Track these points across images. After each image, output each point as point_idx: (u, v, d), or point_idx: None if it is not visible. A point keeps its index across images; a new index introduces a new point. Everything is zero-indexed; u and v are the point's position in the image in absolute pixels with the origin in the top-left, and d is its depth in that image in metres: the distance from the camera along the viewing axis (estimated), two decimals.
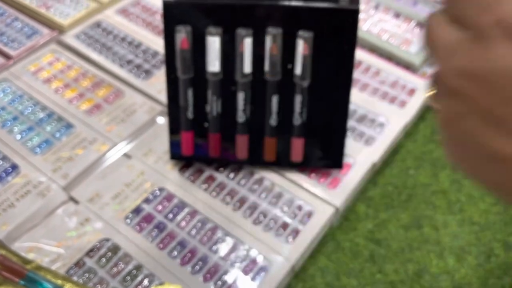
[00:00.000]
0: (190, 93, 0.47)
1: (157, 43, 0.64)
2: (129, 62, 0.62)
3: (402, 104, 0.57)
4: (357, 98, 0.57)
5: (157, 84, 0.59)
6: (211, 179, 0.50)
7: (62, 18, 0.68)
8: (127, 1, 0.71)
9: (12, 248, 0.45)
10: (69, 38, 0.65)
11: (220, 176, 0.51)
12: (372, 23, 0.65)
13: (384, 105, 0.57)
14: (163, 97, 0.57)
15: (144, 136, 0.54)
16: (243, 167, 0.51)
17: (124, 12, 0.70)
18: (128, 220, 0.47)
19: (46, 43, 0.65)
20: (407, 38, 0.63)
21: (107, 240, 0.45)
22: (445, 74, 0.20)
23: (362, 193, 0.52)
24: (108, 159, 0.52)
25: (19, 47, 0.64)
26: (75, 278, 0.43)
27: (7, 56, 0.63)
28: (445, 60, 0.20)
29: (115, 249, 0.45)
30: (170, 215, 0.47)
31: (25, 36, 0.66)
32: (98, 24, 0.68)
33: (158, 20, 0.68)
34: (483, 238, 0.48)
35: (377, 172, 0.53)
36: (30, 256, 0.44)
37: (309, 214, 0.47)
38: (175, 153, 0.50)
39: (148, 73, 0.61)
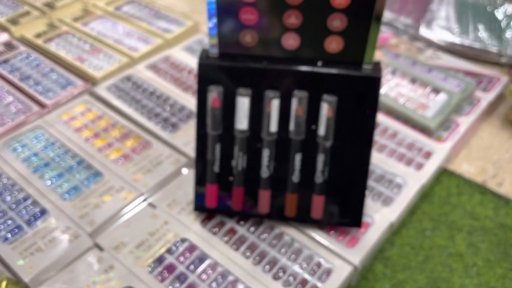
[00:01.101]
0: (217, 148, 0.49)
1: (184, 98, 0.68)
2: (156, 115, 0.65)
3: (419, 166, 0.59)
4: (375, 159, 0.59)
5: (183, 137, 0.62)
6: (232, 232, 0.52)
7: (95, 71, 0.72)
8: (157, 57, 0.76)
9: None
10: (101, 90, 0.69)
11: (241, 229, 0.52)
12: (389, 87, 0.69)
13: (401, 167, 0.59)
14: (188, 149, 0.60)
15: (169, 187, 0.56)
16: (264, 221, 0.52)
17: (153, 67, 0.74)
18: (150, 269, 0.48)
19: (79, 94, 0.69)
20: (422, 103, 0.66)
21: None
22: None
23: (379, 253, 0.53)
24: (133, 207, 0.54)
25: (54, 96, 0.68)
26: None
27: (42, 105, 0.67)
28: None
29: None
30: (192, 266, 0.48)
31: (59, 86, 0.70)
32: (128, 78, 0.72)
33: (185, 76, 0.72)
34: None
35: (394, 232, 0.54)
36: None
37: (328, 272, 0.48)
38: (199, 205, 0.52)
39: (174, 126, 0.64)
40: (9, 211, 0.53)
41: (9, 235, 0.50)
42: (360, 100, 0.46)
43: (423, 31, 0.81)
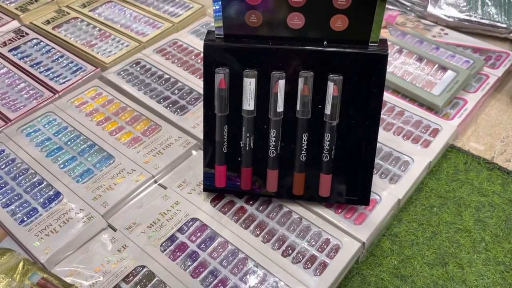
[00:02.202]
0: (225, 129, 0.50)
1: (192, 81, 0.69)
2: (165, 98, 0.66)
3: (426, 144, 0.59)
4: (382, 137, 0.60)
5: (192, 120, 0.63)
6: (241, 211, 0.53)
7: (104, 56, 0.73)
8: (165, 41, 0.76)
9: (52, 271, 0.47)
10: (110, 74, 0.70)
11: (250, 209, 0.53)
12: (396, 66, 0.68)
13: (408, 144, 0.59)
14: (197, 131, 0.61)
15: (179, 168, 0.57)
16: (272, 201, 0.53)
17: (161, 51, 0.74)
18: (163, 248, 0.49)
19: (89, 78, 0.70)
20: (430, 81, 0.66)
21: (143, 267, 0.48)
22: None
23: (387, 229, 0.53)
24: (145, 189, 0.55)
25: (64, 82, 0.69)
26: None
27: (53, 90, 0.68)
28: None
29: (150, 276, 0.47)
30: (203, 245, 0.49)
31: (70, 72, 0.71)
32: (137, 62, 0.72)
33: (193, 59, 0.73)
34: (509, 278, 0.49)
35: (401, 209, 0.55)
36: (69, 280, 0.47)
37: (336, 248, 0.49)
38: (208, 186, 0.53)
39: (183, 109, 0.64)
40: (24, 195, 0.54)
41: (25, 218, 0.52)
42: (366, 79, 0.46)
43: (431, 8, 0.80)
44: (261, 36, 0.47)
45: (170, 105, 0.65)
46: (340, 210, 0.52)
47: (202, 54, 0.73)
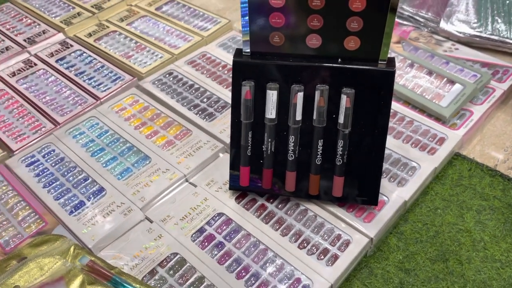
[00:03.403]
0: (249, 135, 0.56)
1: (219, 91, 0.76)
2: (195, 106, 0.73)
3: (433, 151, 0.64)
4: (392, 144, 0.65)
5: (219, 126, 0.69)
6: (262, 208, 0.59)
7: (140, 66, 0.81)
8: (195, 53, 0.83)
9: (98, 255, 0.54)
10: (146, 83, 0.78)
11: (270, 206, 0.59)
12: (407, 79, 0.74)
13: (416, 152, 0.64)
14: (223, 136, 0.68)
15: (207, 169, 0.64)
16: (290, 200, 0.60)
17: (192, 63, 0.82)
18: (193, 239, 0.56)
19: (127, 87, 0.77)
20: (438, 93, 0.71)
21: (176, 254, 0.54)
22: None
23: (394, 228, 0.59)
24: (177, 186, 0.62)
25: (105, 89, 0.77)
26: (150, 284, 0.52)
27: (95, 97, 0.76)
28: None
29: (182, 262, 0.54)
30: (228, 237, 0.56)
31: (110, 80, 0.79)
32: (170, 73, 0.80)
33: (220, 70, 0.80)
34: (504, 274, 0.54)
35: (408, 210, 0.60)
36: (113, 262, 0.54)
37: (347, 243, 0.55)
38: (233, 185, 0.59)
39: (211, 115, 0.71)
40: (72, 189, 0.62)
41: (73, 210, 0.59)
42: (375, 93, 0.52)
43: (443, 24, 0.86)
44: (283, 53, 0.53)
45: (200, 112, 0.72)
46: (351, 209, 0.58)
47: (228, 66, 0.80)
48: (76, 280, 0.48)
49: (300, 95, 0.53)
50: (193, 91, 0.76)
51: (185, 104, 0.74)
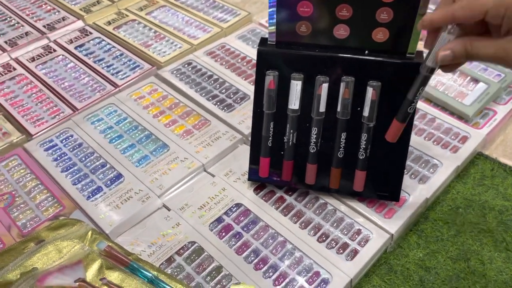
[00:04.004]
0: (271, 125, 0.56)
1: (239, 82, 0.75)
2: (214, 96, 0.73)
3: (455, 149, 0.63)
4: (414, 141, 0.64)
5: (238, 117, 0.69)
6: (281, 200, 0.58)
7: (159, 55, 0.81)
8: (214, 44, 0.83)
9: (115, 241, 0.54)
10: (165, 72, 0.77)
11: (289, 199, 0.58)
12: None
13: (438, 149, 0.63)
14: (242, 127, 0.67)
15: (226, 159, 0.64)
16: (309, 193, 0.59)
17: (211, 53, 0.81)
18: (211, 228, 0.55)
19: (146, 75, 0.77)
20: (461, 91, 0.70)
21: (193, 243, 0.54)
22: None
23: (414, 225, 0.58)
24: (196, 175, 0.62)
25: (124, 77, 0.77)
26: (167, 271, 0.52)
27: (114, 85, 0.75)
28: None
29: (199, 251, 0.53)
30: (246, 228, 0.55)
31: (128, 68, 0.79)
32: (189, 63, 0.79)
33: (239, 62, 0.79)
34: None
35: (429, 208, 0.60)
36: (130, 249, 0.53)
37: (367, 238, 0.54)
38: (252, 176, 0.59)
39: (229, 106, 0.71)
40: (90, 175, 0.62)
41: (90, 195, 0.59)
42: (402, 86, 0.51)
43: None
44: (309, 44, 0.52)
45: (218, 103, 0.72)
46: (371, 205, 0.57)
47: (247, 58, 0.80)
48: (94, 264, 0.48)
49: (324, 86, 0.53)
50: (212, 81, 0.75)
51: (203, 94, 0.73)
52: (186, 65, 0.79)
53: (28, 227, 0.56)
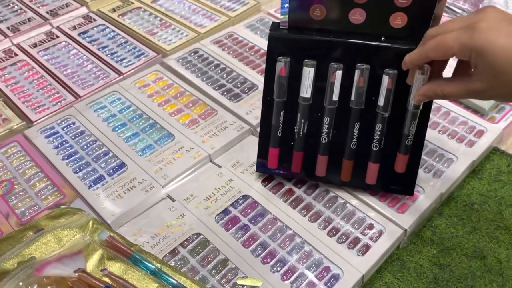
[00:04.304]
0: (281, 114, 0.53)
1: (246, 72, 0.73)
2: (221, 86, 0.71)
3: (470, 143, 0.61)
4: (428, 135, 0.61)
5: (245, 107, 0.67)
6: (289, 192, 0.56)
7: (165, 44, 0.78)
8: (221, 33, 0.81)
9: (117, 232, 0.52)
10: (170, 61, 0.75)
11: (298, 191, 0.56)
12: None
13: (453, 143, 0.61)
14: (250, 118, 0.65)
15: (233, 150, 0.62)
16: (319, 185, 0.57)
17: (218, 42, 0.79)
18: (218, 219, 0.53)
19: (151, 63, 0.75)
20: None
21: (199, 234, 0.52)
22: None
23: (428, 221, 0.56)
24: (201, 166, 0.59)
25: (128, 65, 0.75)
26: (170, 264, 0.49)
27: (118, 72, 0.73)
28: None
29: (205, 243, 0.51)
30: (253, 220, 0.53)
31: (133, 56, 0.76)
32: (195, 51, 0.77)
33: (247, 52, 0.77)
34: None
35: (442, 204, 0.57)
36: (132, 240, 0.51)
37: (379, 233, 0.52)
38: (261, 167, 0.56)
39: (237, 96, 0.69)
40: (92, 163, 0.60)
41: (92, 184, 0.57)
42: None
43: None
44: (323, 29, 0.50)
45: (225, 92, 0.69)
46: (383, 199, 0.55)
47: (256, 47, 0.77)
48: (95, 255, 0.46)
49: (338, 74, 0.50)
50: (219, 71, 0.73)
51: (210, 83, 0.71)
52: (192, 54, 0.77)
53: (27, 215, 0.54)
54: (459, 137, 0.62)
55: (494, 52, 0.37)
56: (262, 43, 0.77)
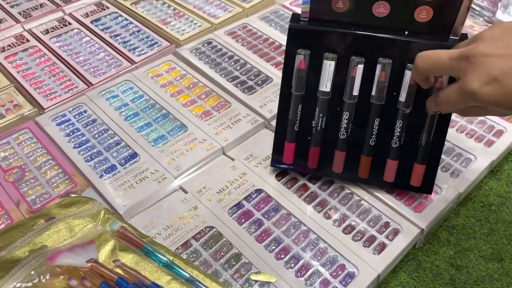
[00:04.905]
0: (299, 108, 0.52)
1: (261, 64, 0.71)
2: (234, 78, 0.69)
3: (489, 143, 0.60)
4: None
5: (259, 100, 0.65)
6: (304, 188, 0.55)
7: (178, 33, 0.77)
8: (235, 24, 0.79)
9: (129, 222, 0.51)
10: (184, 51, 0.74)
11: (313, 187, 0.55)
12: None
13: (471, 142, 0.60)
14: (264, 111, 0.64)
15: (246, 143, 0.61)
16: (334, 182, 0.56)
17: (232, 33, 0.78)
18: (231, 213, 0.52)
19: (164, 53, 0.74)
20: None
21: (211, 227, 0.51)
22: None
23: (444, 221, 0.55)
24: (215, 158, 0.58)
25: (141, 54, 0.73)
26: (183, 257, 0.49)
27: (131, 61, 0.72)
28: None
29: (218, 236, 0.50)
30: (266, 215, 0.52)
31: (146, 45, 0.75)
32: (209, 42, 0.76)
33: (261, 44, 0.76)
34: None
35: (460, 204, 0.56)
36: (144, 231, 0.50)
37: (396, 232, 0.51)
38: (276, 162, 0.55)
39: (251, 89, 0.67)
40: (104, 152, 0.59)
41: (103, 173, 0.56)
42: None
43: (500, 14, 0.80)
44: (345, 21, 0.49)
45: (239, 85, 0.68)
46: (400, 197, 0.54)
47: (270, 40, 0.76)
48: (107, 245, 0.45)
49: (360, 68, 0.49)
50: (233, 62, 0.72)
51: (223, 75, 0.70)
52: (206, 45, 0.75)
53: (37, 203, 0.53)
54: (477, 137, 0.61)
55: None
56: (277, 36, 0.76)
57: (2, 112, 0.64)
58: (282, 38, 0.75)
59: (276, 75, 0.69)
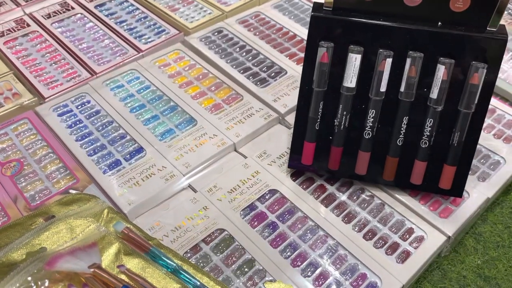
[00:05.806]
0: (320, 105, 0.48)
1: (274, 55, 0.67)
2: (246, 69, 0.65)
3: None
4: None
5: (273, 93, 0.62)
6: (321, 189, 0.52)
7: (187, 21, 0.73)
8: (247, 12, 0.75)
9: (134, 223, 0.48)
10: (193, 39, 0.70)
11: (330, 188, 0.52)
12: None
13: (499, 143, 0.56)
14: (278, 105, 0.60)
15: (259, 139, 0.57)
16: (353, 183, 0.52)
17: (244, 22, 0.74)
18: (243, 214, 0.49)
19: (172, 41, 0.70)
20: None
21: (223, 230, 0.47)
22: None
23: (471, 228, 0.51)
24: (226, 155, 0.55)
25: (147, 42, 0.69)
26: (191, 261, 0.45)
27: (137, 49, 0.68)
28: None
29: (229, 240, 0.47)
30: (281, 218, 0.49)
31: (153, 33, 0.71)
32: (219, 31, 0.72)
33: (275, 34, 0.72)
34: None
35: (487, 209, 0.53)
36: (150, 233, 0.47)
37: (420, 239, 0.47)
38: (293, 162, 0.51)
39: (263, 81, 0.64)
40: (108, 146, 0.55)
41: (107, 169, 0.53)
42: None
43: None
44: (372, 11, 0.45)
45: (251, 77, 0.64)
46: (424, 201, 0.50)
47: (284, 30, 0.72)
48: (111, 248, 0.42)
49: (388, 62, 0.45)
50: (244, 53, 0.68)
51: (234, 66, 0.66)
52: (216, 33, 0.71)
53: (36, 199, 0.50)
54: (506, 137, 0.57)
55: None
56: (291, 25, 0.72)
57: (0, 101, 0.60)
58: (296, 28, 0.71)
59: (291, 67, 0.65)
